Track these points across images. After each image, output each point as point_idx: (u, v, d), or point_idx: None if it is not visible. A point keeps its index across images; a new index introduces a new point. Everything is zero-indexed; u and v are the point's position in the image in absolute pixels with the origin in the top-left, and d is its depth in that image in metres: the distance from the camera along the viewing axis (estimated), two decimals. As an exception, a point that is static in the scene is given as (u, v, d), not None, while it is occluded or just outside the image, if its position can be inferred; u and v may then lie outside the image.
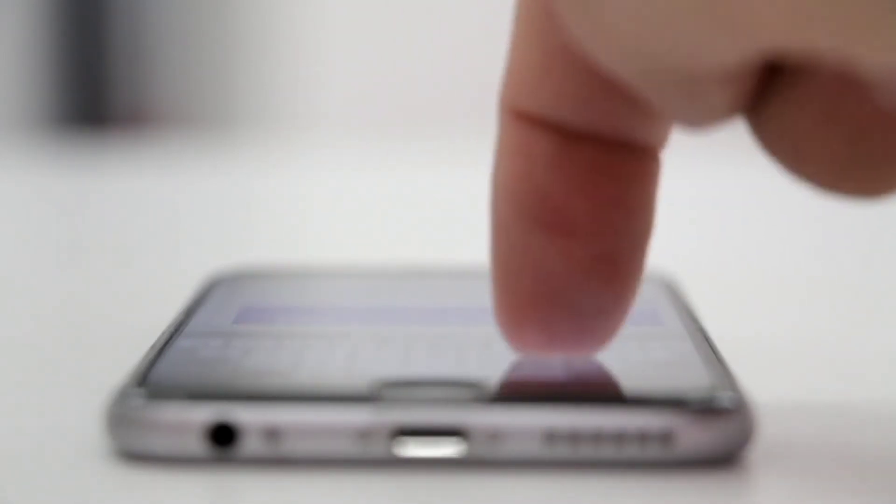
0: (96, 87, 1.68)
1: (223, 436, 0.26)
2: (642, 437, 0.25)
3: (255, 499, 0.25)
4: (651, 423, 0.25)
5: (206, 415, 0.26)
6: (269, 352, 0.29)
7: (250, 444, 0.25)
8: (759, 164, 0.26)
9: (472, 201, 0.41)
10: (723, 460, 0.26)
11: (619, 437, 0.25)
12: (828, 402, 0.30)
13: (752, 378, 0.28)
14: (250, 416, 0.25)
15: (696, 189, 0.68)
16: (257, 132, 1.60)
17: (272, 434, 0.25)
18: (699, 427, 0.25)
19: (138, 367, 0.28)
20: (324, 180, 0.72)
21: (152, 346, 0.29)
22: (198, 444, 0.26)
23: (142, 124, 1.67)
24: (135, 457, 0.26)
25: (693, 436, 0.25)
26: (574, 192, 0.25)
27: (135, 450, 0.26)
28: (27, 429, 0.28)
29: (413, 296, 0.35)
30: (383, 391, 0.26)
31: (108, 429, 0.26)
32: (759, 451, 0.26)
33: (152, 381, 0.27)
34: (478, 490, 0.25)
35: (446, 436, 0.25)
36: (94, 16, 1.67)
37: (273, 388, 0.26)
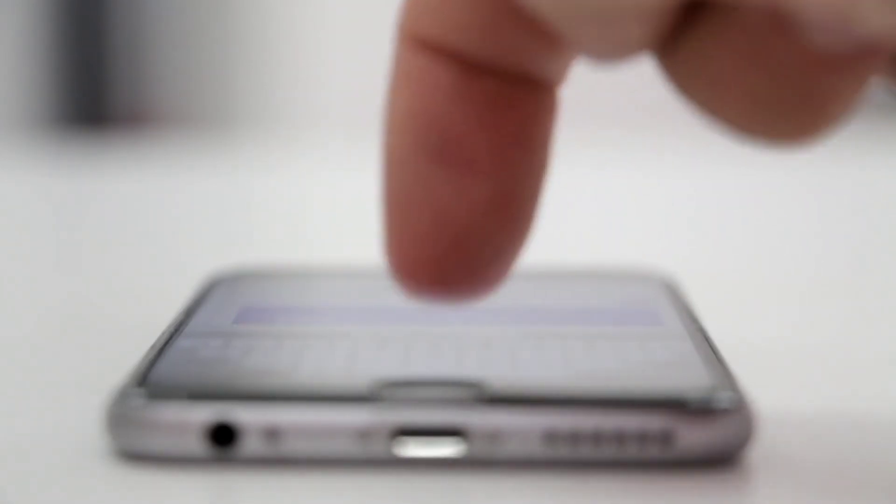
0: (96, 87, 1.68)
1: (223, 436, 0.26)
2: (642, 437, 0.25)
3: (255, 499, 0.25)
4: (651, 423, 0.25)
5: (206, 415, 0.26)
6: (269, 352, 0.29)
7: (250, 444, 0.25)
8: (759, 164, 0.26)
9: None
10: (722, 460, 0.26)
11: (619, 437, 0.25)
12: (827, 403, 0.30)
13: (752, 378, 0.28)
14: (250, 416, 0.26)
15: (695, 189, 0.68)
16: (257, 132, 1.60)
17: (272, 434, 0.25)
18: (699, 427, 0.25)
19: (138, 367, 0.28)
20: (324, 180, 0.72)
21: (152, 346, 0.29)
22: (198, 444, 0.26)
23: (142, 124, 1.67)
24: (135, 457, 0.26)
25: (693, 436, 0.25)
26: (473, 125, 0.25)
27: (135, 450, 0.26)
28: (27, 429, 0.28)
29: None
30: (383, 391, 0.26)
31: (108, 429, 0.26)
32: (758, 451, 0.26)
33: (152, 381, 0.27)
34: (478, 490, 0.25)
35: (446, 436, 0.26)
36: (94, 16, 1.67)
37: (273, 388, 0.26)
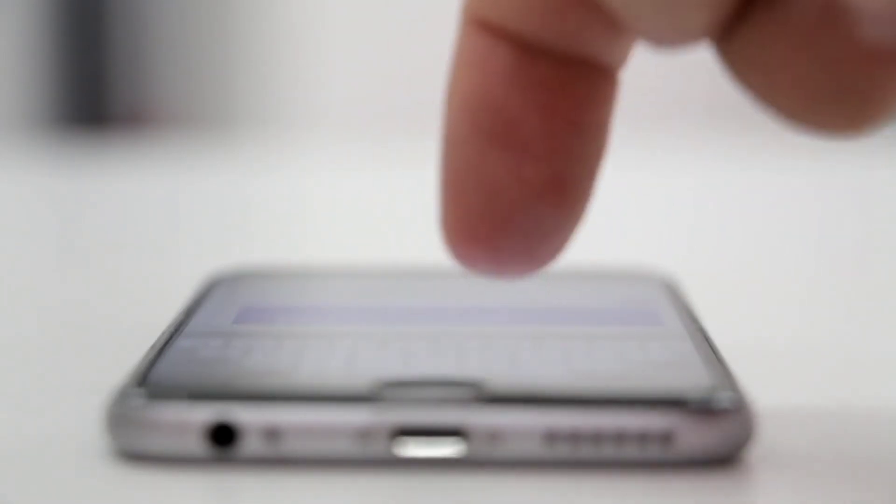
0: (96, 87, 1.68)
1: (223, 436, 0.26)
2: (642, 437, 0.25)
3: (255, 499, 0.25)
4: (651, 423, 0.25)
5: (206, 415, 0.26)
6: (269, 352, 0.29)
7: (250, 444, 0.25)
8: (759, 164, 0.26)
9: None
10: (723, 460, 0.26)
11: (619, 437, 0.25)
12: (827, 403, 0.30)
13: (752, 378, 0.28)
14: (250, 416, 0.25)
15: (695, 189, 0.68)
16: (257, 132, 1.60)
17: (272, 434, 0.25)
18: (699, 427, 0.25)
19: (138, 367, 0.28)
20: (323, 180, 0.72)
21: (152, 346, 0.29)
22: (198, 444, 0.26)
23: (142, 124, 1.67)
24: (135, 457, 0.26)
25: (693, 436, 0.25)
26: (530, 109, 0.25)
27: (135, 450, 0.26)
28: (27, 429, 0.28)
29: (413, 296, 0.35)
30: (383, 391, 0.26)
31: (108, 429, 0.26)
32: (758, 451, 0.26)
33: (152, 381, 0.27)
34: (478, 490, 0.25)
35: (446, 436, 0.26)
36: (94, 16, 1.67)
37: (273, 388, 0.26)
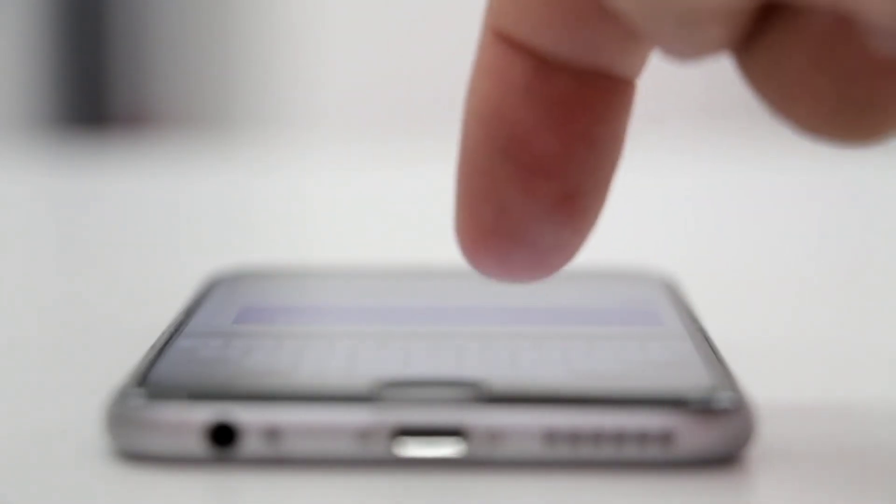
0: (96, 87, 1.68)
1: (223, 436, 0.26)
2: (642, 437, 0.25)
3: (255, 499, 0.25)
4: (651, 423, 0.25)
5: (206, 415, 0.26)
6: (269, 352, 0.29)
7: (250, 444, 0.25)
8: (759, 164, 0.26)
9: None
10: (723, 460, 0.26)
11: (619, 437, 0.25)
12: (827, 402, 0.30)
13: (752, 378, 0.28)
14: (250, 416, 0.25)
15: (695, 189, 0.68)
16: (257, 132, 1.60)
17: (272, 434, 0.25)
18: (699, 427, 0.25)
19: (138, 367, 0.28)
20: (323, 180, 0.72)
21: (152, 346, 0.29)
22: (198, 444, 0.26)
23: (142, 124, 1.67)
24: (135, 457, 0.26)
25: (693, 436, 0.25)
26: (545, 126, 0.25)
27: (135, 450, 0.26)
28: (27, 429, 0.28)
29: (413, 296, 0.35)
30: (383, 391, 0.26)
31: (108, 429, 0.26)
32: (759, 451, 0.26)
33: (152, 381, 0.27)
34: (478, 490, 0.25)
35: (446, 436, 0.26)
36: (94, 16, 1.67)
37: (273, 388, 0.26)
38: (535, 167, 0.25)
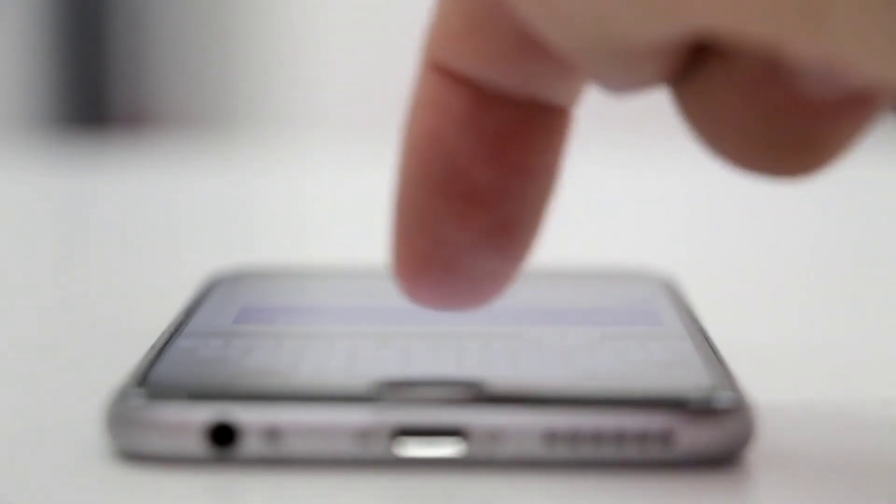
0: (96, 87, 1.68)
1: (223, 436, 0.26)
2: (642, 437, 0.25)
3: (255, 499, 0.25)
4: (651, 423, 0.25)
5: (206, 415, 0.26)
6: (269, 352, 0.29)
7: (250, 444, 0.25)
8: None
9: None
10: (723, 460, 0.26)
11: (619, 437, 0.25)
12: (827, 402, 0.30)
13: (752, 378, 0.28)
14: (250, 416, 0.25)
15: (696, 189, 0.68)
16: (256, 132, 1.60)
17: (272, 434, 0.25)
18: (699, 427, 0.25)
19: (138, 367, 0.28)
20: (323, 180, 0.72)
21: (152, 346, 0.29)
22: (198, 444, 0.26)
23: (142, 124, 1.67)
24: (135, 457, 0.26)
25: (693, 436, 0.25)
26: (481, 157, 0.25)
27: (135, 450, 0.26)
28: (27, 429, 0.28)
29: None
30: (383, 391, 0.26)
31: (108, 429, 0.26)
32: (758, 451, 0.26)
33: (152, 381, 0.27)
34: (478, 490, 0.25)
35: (446, 436, 0.26)
36: (94, 16, 1.67)
37: (273, 388, 0.26)
38: (471, 198, 0.25)
